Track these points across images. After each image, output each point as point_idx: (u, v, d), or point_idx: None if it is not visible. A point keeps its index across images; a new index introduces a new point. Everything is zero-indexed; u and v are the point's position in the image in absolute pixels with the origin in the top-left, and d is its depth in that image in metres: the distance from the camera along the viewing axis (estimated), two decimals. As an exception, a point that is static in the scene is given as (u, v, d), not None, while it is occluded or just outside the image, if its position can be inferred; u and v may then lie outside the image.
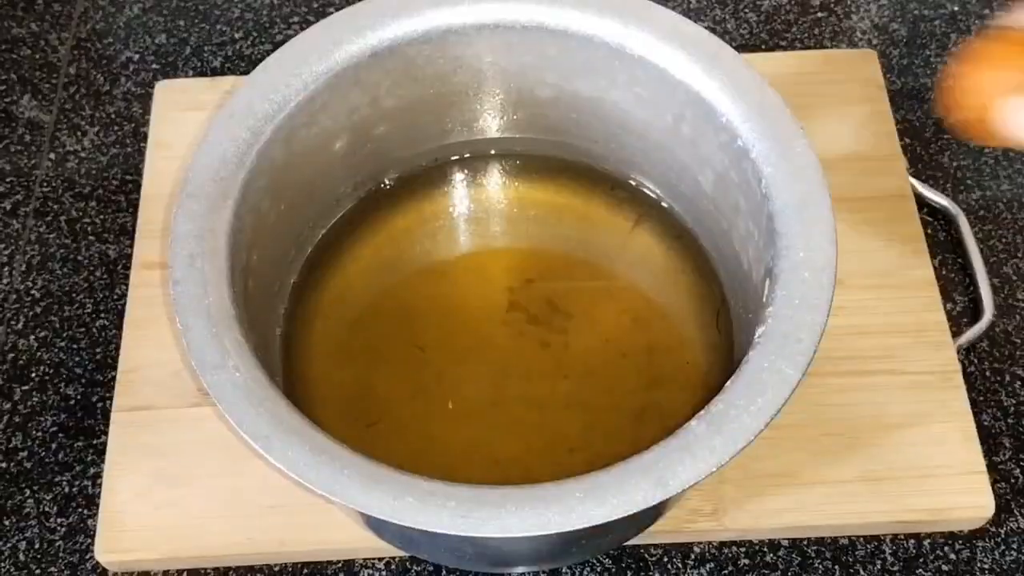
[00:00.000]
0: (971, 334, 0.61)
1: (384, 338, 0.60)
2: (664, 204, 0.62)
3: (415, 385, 0.58)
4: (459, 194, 0.63)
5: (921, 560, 0.56)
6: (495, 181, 0.64)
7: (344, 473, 0.43)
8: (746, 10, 0.75)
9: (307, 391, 0.58)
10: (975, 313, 0.63)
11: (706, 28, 0.73)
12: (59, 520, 0.58)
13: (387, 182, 0.62)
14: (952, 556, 0.56)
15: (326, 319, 0.60)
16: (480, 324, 0.60)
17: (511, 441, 0.57)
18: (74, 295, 0.65)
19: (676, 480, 0.42)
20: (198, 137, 0.66)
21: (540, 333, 0.58)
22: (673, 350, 0.59)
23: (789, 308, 0.46)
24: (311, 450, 0.43)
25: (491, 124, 0.62)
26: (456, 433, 0.57)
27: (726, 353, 0.58)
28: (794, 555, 0.56)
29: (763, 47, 0.74)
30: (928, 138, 0.70)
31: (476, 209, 0.63)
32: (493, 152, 0.63)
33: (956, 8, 0.75)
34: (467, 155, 0.63)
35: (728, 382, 0.45)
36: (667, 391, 0.58)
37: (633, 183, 0.62)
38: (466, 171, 0.64)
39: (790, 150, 0.50)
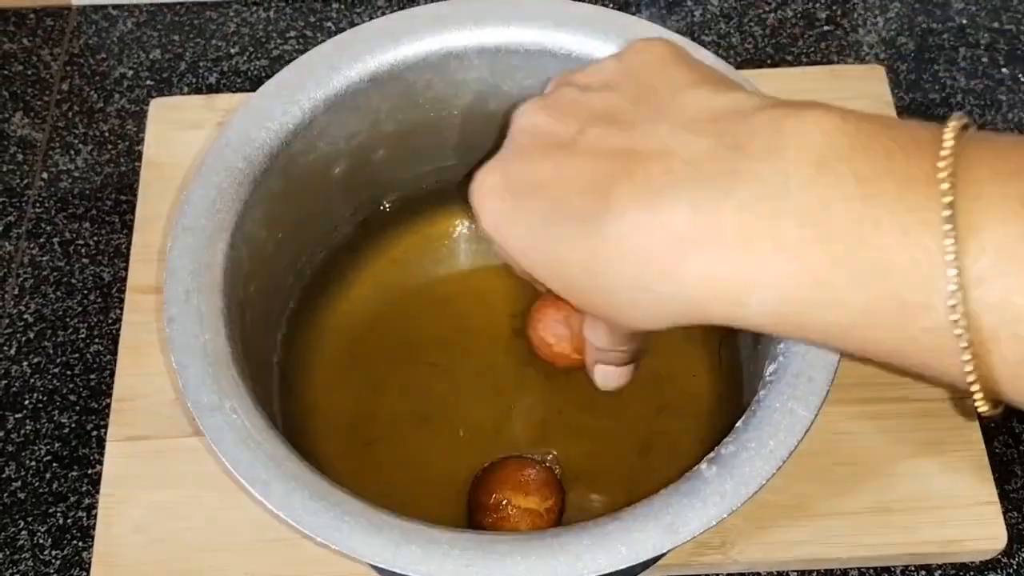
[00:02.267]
0: (982, 358, 0.60)
1: (383, 363, 0.58)
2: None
3: (414, 410, 0.57)
4: (460, 217, 0.62)
5: (932, 592, 0.55)
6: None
7: (345, 520, 0.42)
8: (751, 24, 0.74)
9: (305, 417, 0.56)
10: (986, 336, 0.62)
11: (711, 42, 0.73)
12: (54, 552, 0.57)
13: (386, 205, 0.61)
14: (964, 588, 0.56)
15: (324, 344, 0.59)
16: (483, 351, 0.58)
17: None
18: (68, 319, 0.64)
19: (687, 528, 0.41)
20: (193, 157, 0.65)
21: (544, 363, 0.57)
22: (678, 377, 0.58)
23: (800, 345, 0.45)
24: (311, 496, 0.42)
25: (493, 147, 0.60)
26: (456, 460, 0.56)
27: (731, 379, 0.57)
28: (803, 587, 0.56)
29: (768, 62, 0.72)
30: (937, 155, 0.68)
31: (477, 232, 0.62)
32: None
33: (964, 21, 0.74)
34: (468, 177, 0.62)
35: (739, 422, 0.44)
36: (674, 419, 0.56)
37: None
38: (467, 193, 0.62)
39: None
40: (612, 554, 0.41)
